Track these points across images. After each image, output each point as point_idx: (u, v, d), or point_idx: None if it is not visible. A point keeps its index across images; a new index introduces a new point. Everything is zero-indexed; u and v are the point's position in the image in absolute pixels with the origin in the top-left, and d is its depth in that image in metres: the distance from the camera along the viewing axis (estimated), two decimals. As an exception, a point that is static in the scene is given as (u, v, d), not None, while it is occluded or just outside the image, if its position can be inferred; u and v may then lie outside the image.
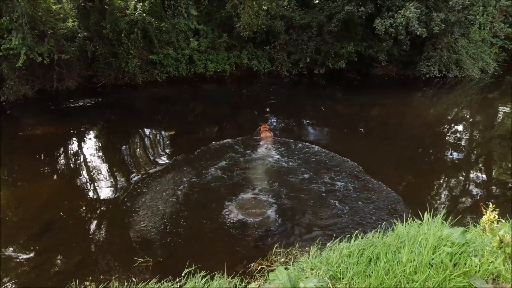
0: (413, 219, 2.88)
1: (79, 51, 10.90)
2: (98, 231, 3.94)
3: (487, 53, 16.62)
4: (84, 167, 5.75)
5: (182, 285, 2.53)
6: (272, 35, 14.52)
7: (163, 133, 7.61)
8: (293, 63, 14.64)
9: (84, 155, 6.32)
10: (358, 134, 7.87)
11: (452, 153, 6.76)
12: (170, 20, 11.95)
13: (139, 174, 5.32)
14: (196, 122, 8.82)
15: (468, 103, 11.41)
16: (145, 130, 7.93)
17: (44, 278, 3.27)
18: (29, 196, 4.76)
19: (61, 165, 5.98)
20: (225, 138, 6.95)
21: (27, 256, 3.56)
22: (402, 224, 2.80)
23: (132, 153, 6.40)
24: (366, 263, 2.22)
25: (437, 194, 4.91)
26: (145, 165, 5.71)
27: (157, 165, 5.67)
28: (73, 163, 5.99)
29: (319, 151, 6.44)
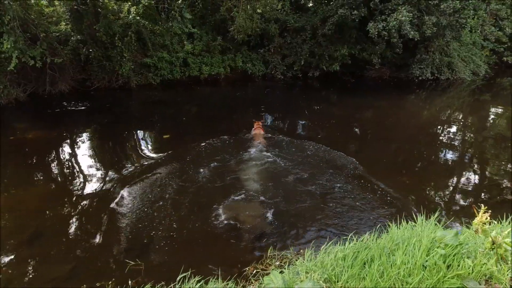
0: (406, 221, 2.89)
1: (72, 54, 10.81)
2: (90, 236, 3.88)
3: (478, 56, 16.90)
4: (76, 172, 5.69)
5: (177, 290, 2.51)
6: (266, 38, 14.58)
7: (158, 136, 7.56)
8: (287, 66, 14.71)
9: (76, 159, 6.24)
10: (353, 136, 7.92)
11: (445, 154, 6.84)
12: (164, 24, 11.93)
13: (131, 178, 5.27)
14: (190, 125, 8.79)
15: (461, 105, 11.56)
16: (139, 134, 7.87)
17: (35, 286, 3.21)
18: (19, 201, 4.68)
19: (52, 170, 5.90)
20: (222, 143, 6.93)
21: (17, 263, 3.49)
22: (396, 226, 2.81)
23: (125, 157, 6.35)
24: (361, 266, 2.22)
25: (430, 196, 4.95)
26: (138, 169, 5.66)
27: (150, 169, 5.62)
28: (65, 168, 5.91)
29: (314, 148, 6.46)
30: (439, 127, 8.98)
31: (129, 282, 3.15)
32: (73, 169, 5.83)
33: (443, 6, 11.59)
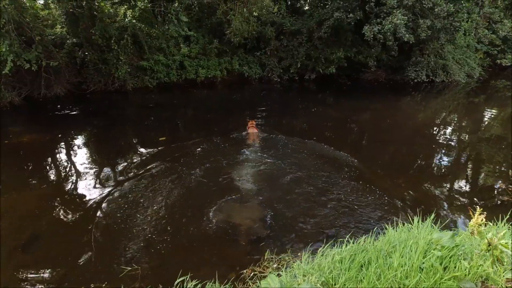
0: (403, 223, 2.90)
1: (68, 57, 10.78)
2: (85, 240, 3.84)
3: (472, 59, 17.09)
4: (71, 176, 5.64)
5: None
6: (262, 41, 14.63)
7: (154, 139, 7.53)
8: (284, 68, 14.77)
9: (71, 163, 6.20)
10: (349, 138, 7.94)
11: (441, 156, 6.88)
12: (160, 27, 11.95)
13: (127, 182, 5.23)
14: (186, 128, 8.77)
15: (456, 107, 11.65)
16: (135, 137, 7.84)
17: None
18: (14, 205, 4.63)
19: (47, 174, 5.85)
20: (217, 145, 6.93)
21: (12, 268, 3.45)
22: (393, 229, 2.82)
23: (120, 160, 6.30)
24: (358, 269, 2.22)
25: (426, 197, 4.97)
26: (133, 172, 5.62)
27: (145, 172, 5.59)
28: (60, 172, 5.86)
29: (310, 149, 6.48)
30: (435, 128, 9.05)
31: (124, 286, 3.12)
32: (68, 173, 5.79)
33: (437, 10, 11.72)
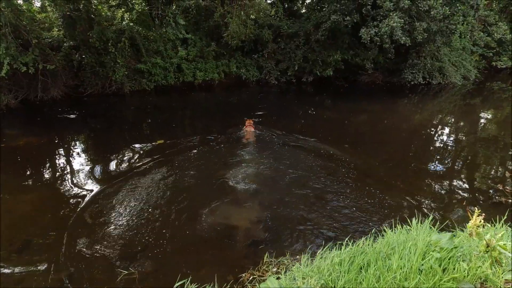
0: (401, 225, 2.90)
1: (64, 60, 10.73)
2: (81, 245, 3.81)
3: (468, 61, 17.23)
4: (68, 179, 5.60)
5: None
6: (260, 43, 14.67)
7: (151, 142, 7.50)
8: (281, 71, 14.81)
9: (68, 166, 6.16)
10: (347, 139, 7.95)
11: (438, 158, 6.91)
12: (158, 30, 11.95)
13: (124, 186, 5.20)
14: (184, 130, 8.76)
15: (452, 109, 11.72)
16: (133, 140, 7.79)
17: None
18: (9, 210, 4.59)
19: (44, 177, 5.81)
20: (214, 146, 6.92)
21: (7, 273, 3.41)
22: (392, 230, 2.82)
23: (118, 163, 6.27)
24: (357, 271, 2.21)
25: (425, 199, 4.98)
26: (130, 176, 5.59)
27: (142, 175, 5.57)
28: (57, 176, 5.82)
29: (308, 151, 6.48)
30: (432, 129, 9.10)
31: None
32: (65, 176, 5.74)
33: (433, 13, 11.81)
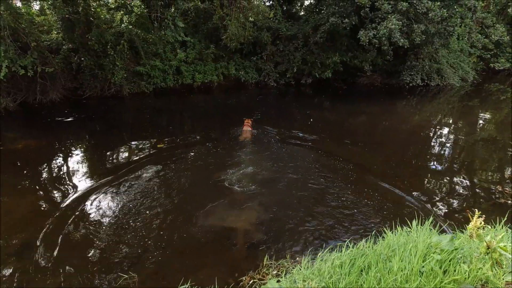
0: (402, 227, 2.90)
1: (63, 63, 10.71)
2: (80, 248, 3.79)
3: (466, 63, 17.30)
4: (67, 182, 5.58)
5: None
6: (259, 46, 14.70)
7: (150, 145, 7.49)
8: (280, 73, 14.83)
9: (67, 169, 6.14)
10: (346, 141, 7.95)
11: (438, 159, 6.92)
12: (157, 32, 11.95)
13: (123, 188, 5.19)
14: (183, 132, 8.74)
15: (450, 111, 11.76)
16: (131, 143, 7.78)
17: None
18: (8, 213, 4.57)
19: (43, 180, 5.79)
20: (213, 147, 6.91)
21: (6, 276, 3.39)
22: (392, 232, 2.81)
23: (117, 166, 6.25)
24: (358, 273, 2.21)
25: (424, 200, 4.98)
26: (129, 178, 5.58)
27: (141, 178, 5.56)
28: (56, 179, 5.80)
29: (307, 153, 6.48)
30: (431, 130, 9.12)
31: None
32: (64, 179, 5.72)
33: (431, 15, 11.86)
